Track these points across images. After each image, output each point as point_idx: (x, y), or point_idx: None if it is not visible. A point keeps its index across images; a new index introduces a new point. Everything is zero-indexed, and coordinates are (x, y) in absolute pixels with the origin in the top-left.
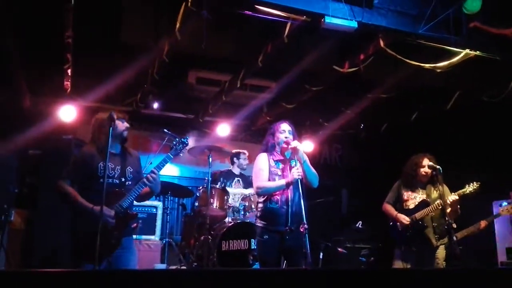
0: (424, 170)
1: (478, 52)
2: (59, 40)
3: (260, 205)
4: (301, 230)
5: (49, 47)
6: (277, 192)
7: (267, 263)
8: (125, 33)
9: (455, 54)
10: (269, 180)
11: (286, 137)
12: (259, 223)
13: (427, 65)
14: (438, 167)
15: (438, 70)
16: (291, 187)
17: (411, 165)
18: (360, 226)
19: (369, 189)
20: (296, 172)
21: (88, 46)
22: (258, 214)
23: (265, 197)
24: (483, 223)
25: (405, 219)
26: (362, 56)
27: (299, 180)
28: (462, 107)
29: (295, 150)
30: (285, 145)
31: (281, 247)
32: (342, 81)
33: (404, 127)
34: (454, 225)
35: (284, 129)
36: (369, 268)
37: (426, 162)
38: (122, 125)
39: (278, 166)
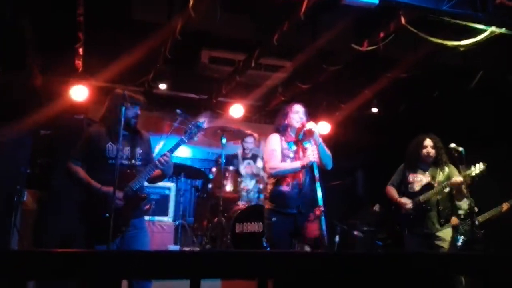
0: (427, 150)
1: (504, 29)
2: (71, 18)
3: (270, 186)
4: (317, 213)
5: (60, 26)
6: (289, 175)
7: (276, 245)
8: (137, 11)
9: (479, 31)
10: (280, 161)
11: (301, 118)
12: (268, 205)
13: (450, 43)
14: (461, 149)
15: (461, 49)
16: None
17: (414, 146)
18: (377, 209)
19: (385, 171)
20: (312, 155)
21: (100, 25)
22: (268, 196)
23: (276, 179)
24: (505, 206)
25: (405, 204)
26: (382, 34)
27: (314, 163)
28: (485, 87)
29: (310, 132)
30: (300, 126)
31: (292, 230)
32: (360, 60)
33: (424, 107)
34: (476, 209)
35: (298, 110)
36: (385, 252)
37: (428, 142)
38: (132, 111)
39: (290, 148)
